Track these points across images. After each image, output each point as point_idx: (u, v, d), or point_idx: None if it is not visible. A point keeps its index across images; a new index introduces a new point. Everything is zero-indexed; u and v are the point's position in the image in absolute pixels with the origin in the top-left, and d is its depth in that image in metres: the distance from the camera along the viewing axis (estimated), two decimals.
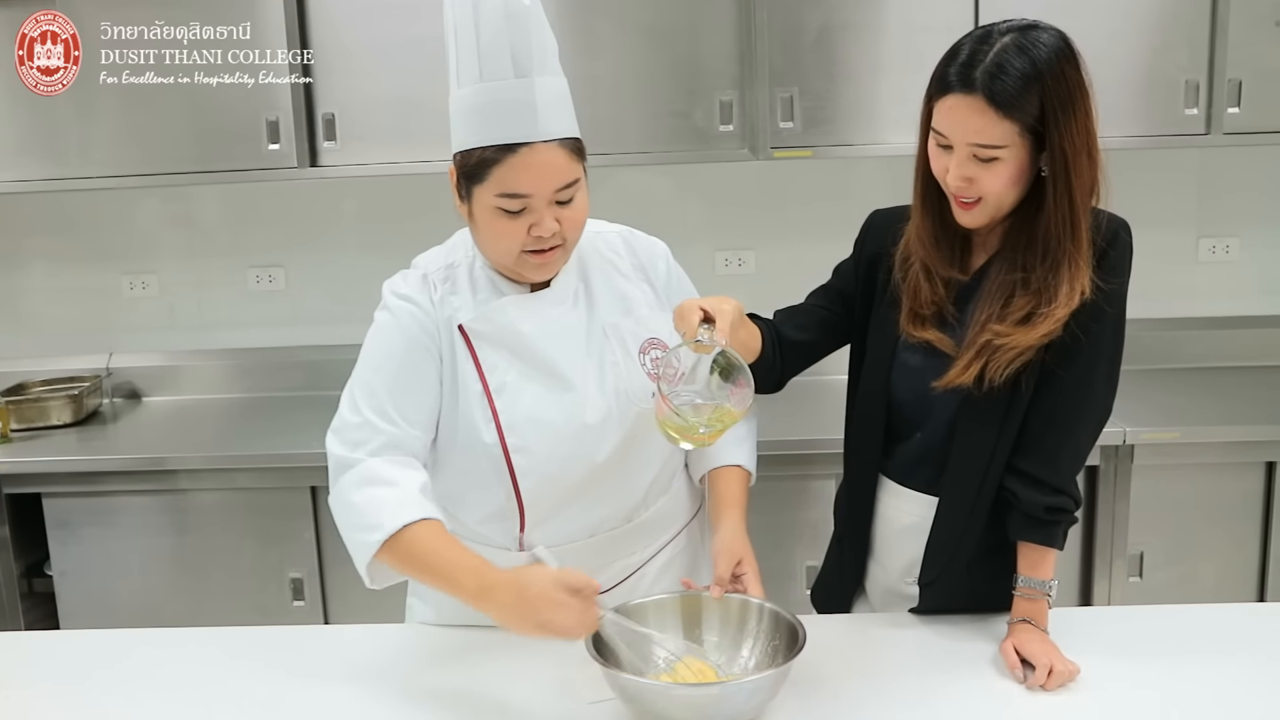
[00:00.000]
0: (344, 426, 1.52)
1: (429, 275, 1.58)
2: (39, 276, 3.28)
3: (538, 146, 1.43)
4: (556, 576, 1.35)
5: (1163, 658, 1.54)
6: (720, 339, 1.40)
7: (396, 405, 1.51)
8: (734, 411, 1.42)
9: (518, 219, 1.46)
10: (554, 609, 1.32)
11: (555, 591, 1.33)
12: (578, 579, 1.34)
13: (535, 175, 1.44)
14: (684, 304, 1.45)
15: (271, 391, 3.22)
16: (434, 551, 1.43)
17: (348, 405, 1.53)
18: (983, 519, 1.58)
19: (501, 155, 1.43)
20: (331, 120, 2.79)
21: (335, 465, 1.52)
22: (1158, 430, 2.62)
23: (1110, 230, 1.51)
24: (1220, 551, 2.70)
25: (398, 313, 1.55)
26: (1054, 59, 1.41)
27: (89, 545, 2.76)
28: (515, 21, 1.44)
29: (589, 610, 1.34)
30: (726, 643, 1.50)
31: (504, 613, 1.36)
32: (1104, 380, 1.54)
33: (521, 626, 1.34)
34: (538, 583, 1.34)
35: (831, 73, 2.74)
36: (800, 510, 2.69)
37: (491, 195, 1.45)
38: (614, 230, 1.69)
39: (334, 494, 1.52)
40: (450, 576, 1.42)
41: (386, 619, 1.79)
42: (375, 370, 1.54)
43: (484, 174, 1.45)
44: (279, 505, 2.74)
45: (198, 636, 1.73)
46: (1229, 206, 3.14)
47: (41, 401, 3.00)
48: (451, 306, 1.56)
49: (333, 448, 1.52)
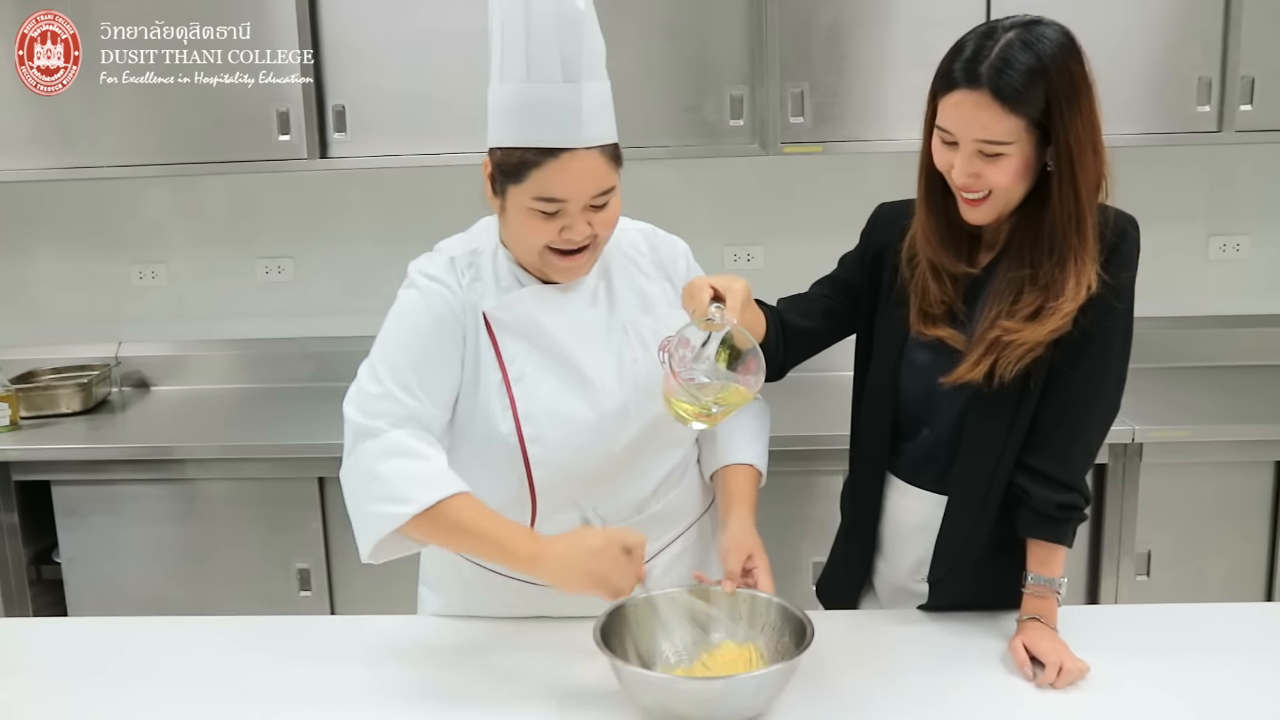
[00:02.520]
0: (363, 396, 1.50)
1: (455, 259, 1.57)
2: (48, 265, 3.29)
3: (579, 153, 1.43)
4: (611, 535, 1.42)
5: (1171, 656, 1.54)
6: (731, 317, 1.39)
7: (420, 382, 1.50)
8: (744, 391, 1.42)
9: (551, 221, 1.46)
10: (613, 565, 1.39)
11: (613, 548, 1.40)
12: (630, 537, 1.42)
13: (574, 181, 1.44)
14: (693, 281, 1.45)
15: (279, 382, 3.23)
16: (481, 520, 1.44)
17: (367, 376, 1.52)
18: (992, 516, 1.58)
19: (542, 159, 1.43)
20: (342, 112, 2.79)
21: (354, 432, 1.49)
22: (1167, 428, 2.61)
23: (1118, 226, 1.50)
24: (1228, 551, 2.70)
25: (426, 291, 1.55)
26: (1058, 53, 1.40)
27: (97, 533, 2.77)
28: (567, 25, 1.42)
29: (639, 567, 1.42)
30: (736, 638, 1.50)
31: (560, 567, 1.40)
32: (1114, 376, 1.53)
33: (575, 580, 1.39)
34: (598, 539, 1.41)
35: (842, 68, 2.73)
36: (806, 505, 2.69)
37: (528, 197, 1.45)
38: (636, 228, 1.68)
39: (351, 461, 1.49)
40: (502, 542, 1.44)
41: (392, 610, 1.79)
42: (399, 347, 1.52)
43: (522, 175, 1.44)
44: (287, 495, 2.74)
45: (208, 625, 1.74)
46: (1239, 204, 3.13)
47: (51, 390, 3.01)
48: (476, 293, 1.56)
49: (350, 415, 1.50)
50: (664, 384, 1.43)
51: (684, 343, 1.41)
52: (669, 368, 1.38)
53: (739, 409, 1.46)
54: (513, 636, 1.62)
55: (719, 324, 1.39)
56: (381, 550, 1.48)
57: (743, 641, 1.48)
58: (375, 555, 1.49)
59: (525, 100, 1.43)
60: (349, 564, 2.77)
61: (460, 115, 2.75)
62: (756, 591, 1.51)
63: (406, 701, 1.47)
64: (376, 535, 1.45)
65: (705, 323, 1.40)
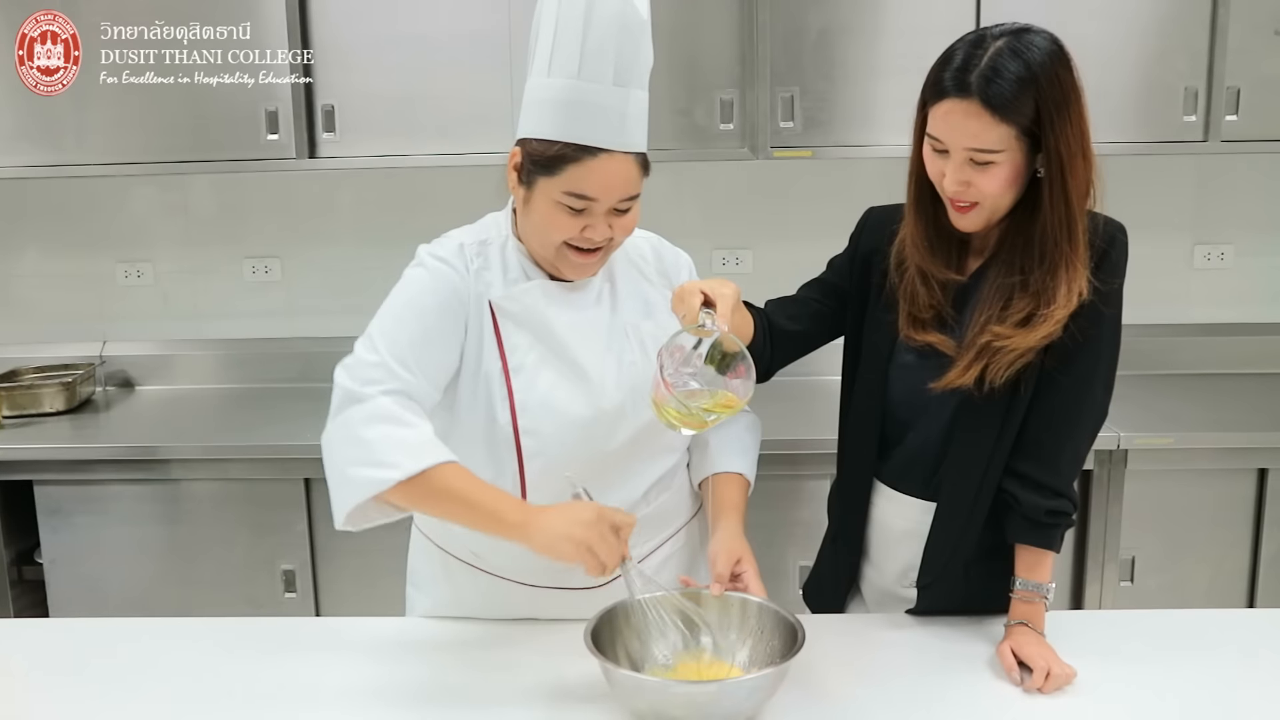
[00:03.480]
0: (358, 364, 1.49)
1: (465, 245, 1.58)
2: (33, 263, 3.26)
3: (616, 155, 1.46)
4: (601, 510, 1.41)
5: (1157, 661, 1.55)
6: (721, 323, 1.40)
7: (417, 358, 1.50)
8: (734, 398, 1.42)
9: (576, 217, 1.48)
10: (600, 538, 1.38)
11: (602, 523, 1.39)
12: (620, 516, 1.42)
13: (607, 182, 1.46)
14: (684, 286, 1.45)
15: (265, 382, 3.21)
16: (470, 487, 1.44)
17: (364, 346, 1.51)
18: (981, 521, 1.58)
19: (580, 155, 1.45)
20: (331, 112, 2.78)
21: (342, 397, 1.47)
22: (1151, 435, 2.63)
23: (1108, 233, 1.51)
24: (1211, 557, 2.71)
25: (434, 271, 1.55)
26: (1048, 62, 1.41)
27: (80, 533, 2.75)
28: (628, 33, 1.45)
29: (623, 547, 1.41)
30: (725, 641, 1.50)
31: (548, 534, 1.39)
32: (1103, 383, 1.54)
33: (562, 548, 1.38)
34: (588, 511, 1.41)
35: (832, 74, 2.74)
36: (792, 509, 2.70)
37: (559, 190, 1.47)
38: (643, 236, 1.70)
39: (336, 424, 1.47)
40: (491, 509, 1.43)
41: (378, 611, 1.79)
42: (400, 321, 1.52)
43: (558, 168, 1.46)
44: (272, 496, 2.73)
45: (191, 626, 1.72)
46: (1225, 214, 3.15)
47: (34, 388, 2.99)
48: (484, 281, 1.56)
49: (341, 380, 1.48)
50: (654, 390, 1.43)
51: (675, 348, 1.41)
52: (660, 374, 1.39)
53: (730, 416, 1.46)
54: (502, 638, 1.61)
55: (709, 329, 1.40)
56: (359, 517, 1.46)
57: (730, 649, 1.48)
58: (352, 521, 1.46)
59: (573, 97, 1.45)
60: (335, 566, 2.76)
61: (449, 116, 2.76)
62: (747, 595, 1.51)
63: (394, 704, 1.47)
64: (356, 499, 1.42)
65: (696, 328, 1.40)
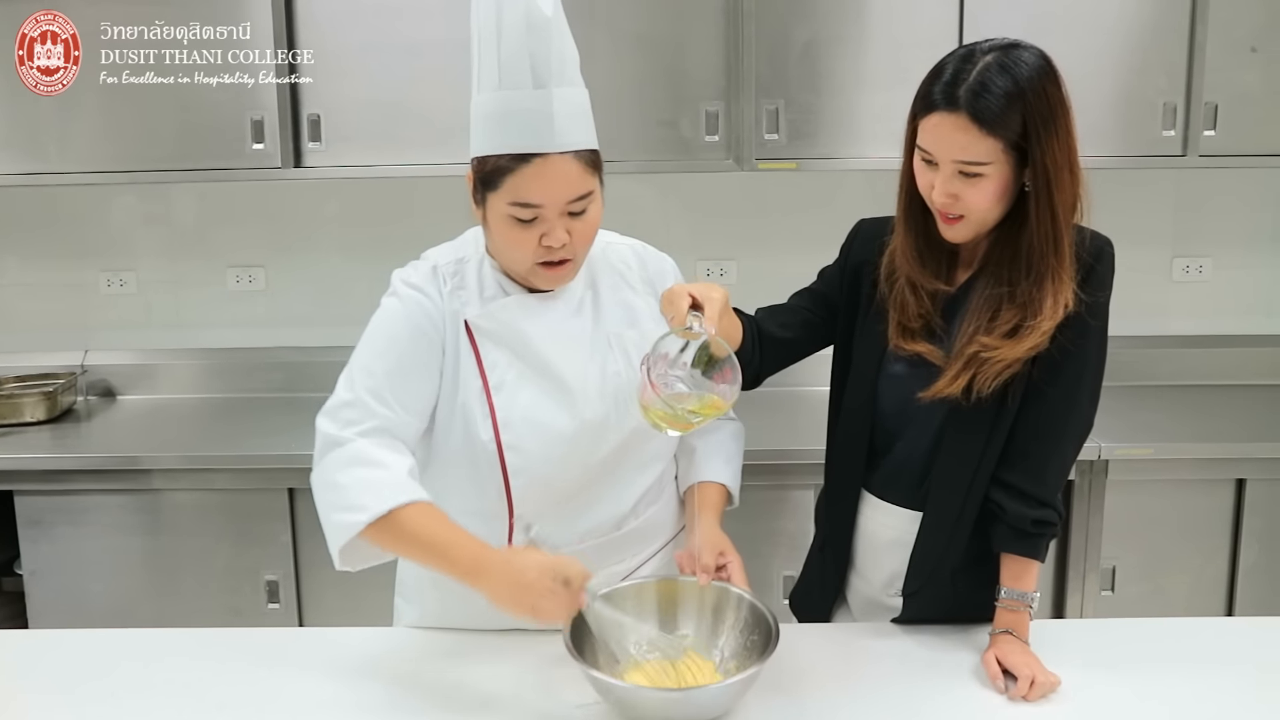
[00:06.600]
0: (338, 405, 1.52)
1: (439, 267, 1.58)
2: (15, 272, 3.24)
3: (552, 158, 1.44)
4: (550, 564, 1.39)
5: (1139, 669, 1.56)
6: (709, 327, 1.40)
7: (394, 390, 1.51)
8: (719, 401, 1.43)
9: (529, 228, 1.47)
10: (544, 596, 1.37)
11: (547, 579, 1.37)
12: (571, 568, 1.39)
13: (547, 186, 1.45)
14: (672, 289, 1.45)
15: (249, 392, 3.20)
16: (428, 529, 1.44)
17: (344, 385, 1.53)
18: (967, 531, 1.59)
19: (515, 164, 1.44)
20: (317, 121, 2.78)
21: (322, 443, 1.51)
22: (1132, 446, 2.65)
23: (1095, 246, 1.53)
24: (1190, 566, 2.74)
25: (406, 300, 1.56)
26: (1036, 77, 1.43)
27: (60, 544, 2.73)
28: (536, 32, 1.44)
29: (576, 599, 1.39)
30: (703, 632, 1.50)
31: (496, 593, 1.39)
32: (1088, 394, 1.56)
33: (507, 606, 1.39)
34: (531, 569, 1.38)
35: (817, 86, 2.76)
36: (778, 520, 2.70)
37: (504, 203, 1.47)
38: (625, 243, 1.70)
39: (317, 472, 1.51)
40: (444, 553, 1.43)
41: (361, 622, 1.78)
42: (377, 355, 1.54)
43: (498, 181, 1.46)
44: (255, 507, 2.71)
45: (174, 637, 1.71)
46: (1203, 227, 3.19)
47: (15, 398, 2.96)
48: (459, 301, 1.57)
49: (322, 426, 1.52)
50: (640, 392, 1.43)
51: (662, 351, 1.42)
52: (646, 375, 1.39)
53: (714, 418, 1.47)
54: (488, 647, 1.61)
55: (697, 332, 1.40)
56: (353, 558, 1.49)
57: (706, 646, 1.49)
58: (347, 563, 1.50)
59: (499, 108, 1.46)
60: (318, 576, 2.74)
61: (436, 126, 2.75)
62: (729, 585, 1.52)
63: (381, 714, 1.46)
64: (338, 543, 1.47)
65: (683, 331, 1.40)
